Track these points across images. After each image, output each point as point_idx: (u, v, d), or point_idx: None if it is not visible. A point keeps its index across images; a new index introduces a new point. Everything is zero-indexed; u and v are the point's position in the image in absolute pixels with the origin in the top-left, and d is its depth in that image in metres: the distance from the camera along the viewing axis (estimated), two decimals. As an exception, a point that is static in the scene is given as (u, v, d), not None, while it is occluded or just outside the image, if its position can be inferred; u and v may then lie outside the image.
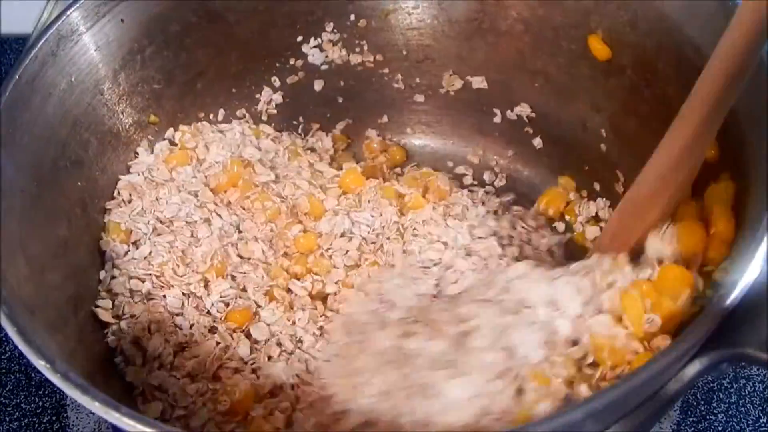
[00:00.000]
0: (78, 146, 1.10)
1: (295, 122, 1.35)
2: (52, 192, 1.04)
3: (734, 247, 0.89)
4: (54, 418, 1.21)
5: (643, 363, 0.75)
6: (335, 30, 1.29)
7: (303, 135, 1.35)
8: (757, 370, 1.20)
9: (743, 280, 0.79)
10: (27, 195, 0.99)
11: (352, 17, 1.28)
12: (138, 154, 1.19)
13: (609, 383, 0.85)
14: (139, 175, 1.17)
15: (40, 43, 1.04)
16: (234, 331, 1.07)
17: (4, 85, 0.99)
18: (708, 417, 1.18)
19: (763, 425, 1.17)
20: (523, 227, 1.24)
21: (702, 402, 1.19)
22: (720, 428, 1.17)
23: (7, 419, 1.21)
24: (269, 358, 1.06)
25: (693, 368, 0.80)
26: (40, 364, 0.80)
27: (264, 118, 1.33)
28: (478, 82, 1.32)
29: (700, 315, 0.79)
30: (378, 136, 1.38)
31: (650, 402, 0.81)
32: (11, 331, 0.82)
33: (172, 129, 1.23)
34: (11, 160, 0.97)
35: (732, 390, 1.20)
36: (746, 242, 0.84)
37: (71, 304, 1.02)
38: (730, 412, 1.18)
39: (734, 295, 0.78)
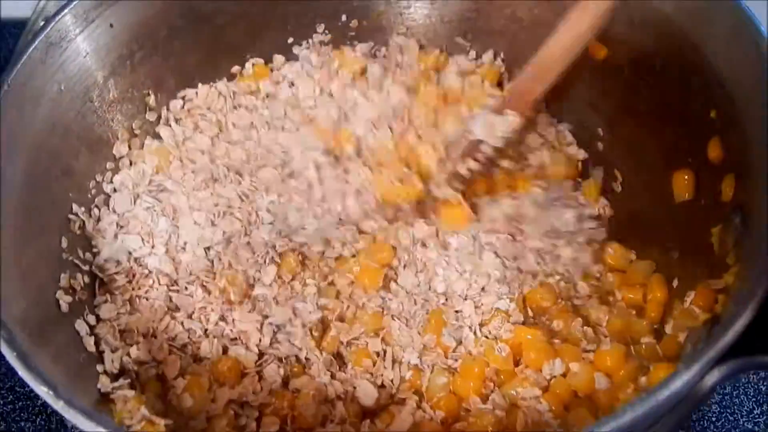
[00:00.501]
0: (69, 155, 1.07)
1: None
2: (45, 203, 1.02)
3: (745, 255, 0.88)
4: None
5: (665, 376, 0.74)
6: (326, 31, 1.27)
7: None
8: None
9: (759, 289, 0.78)
10: (20, 207, 0.96)
11: (344, 18, 1.26)
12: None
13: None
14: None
15: (29, 51, 1.01)
16: None
17: (-6, 94, 0.96)
18: (702, 408, 1.17)
19: (757, 416, 1.16)
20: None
21: (696, 393, 1.18)
22: (714, 419, 1.16)
23: (1, 402, 1.19)
24: None
25: (711, 378, 0.79)
26: (42, 391, 0.78)
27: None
28: (473, 82, 1.30)
29: (718, 326, 0.79)
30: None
31: (670, 415, 0.81)
32: (10, 356, 0.80)
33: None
34: (3, 171, 0.94)
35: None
36: (759, 250, 0.83)
37: (63, 315, 1.00)
38: (724, 403, 1.17)
39: (750, 305, 0.78)
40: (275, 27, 1.24)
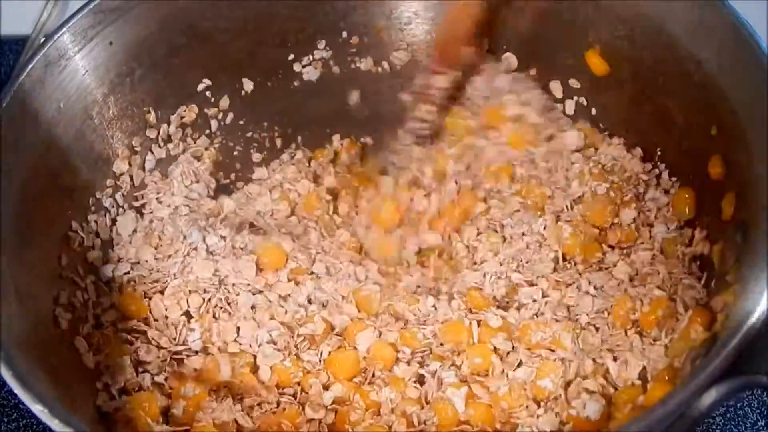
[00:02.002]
0: (68, 173, 1.07)
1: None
2: (43, 222, 1.02)
3: (745, 273, 0.88)
4: (52, 419, 1.18)
5: (663, 395, 0.73)
6: (327, 47, 1.27)
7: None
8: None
9: (758, 308, 0.78)
10: (17, 227, 0.96)
11: (344, 34, 1.26)
12: None
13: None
14: None
15: (28, 69, 1.01)
16: None
17: (-7, 114, 0.96)
18: (706, 420, 1.16)
19: (761, 429, 1.16)
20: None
21: (700, 404, 1.17)
22: (718, 431, 1.16)
23: (6, 420, 1.18)
24: None
25: (709, 397, 0.78)
26: (37, 409, 0.78)
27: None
28: (474, 98, 1.30)
29: (716, 344, 0.78)
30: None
31: (666, 434, 0.80)
32: (7, 376, 0.80)
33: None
34: (1, 192, 0.94)
35: (730, 393, 1.18)
36: (758, 268, 0.83)
37: (62, 333, 1.00)
38: (728, 415, 1.17)
39: (749, 323, 0.77)
40: (275, 44, 1.24)
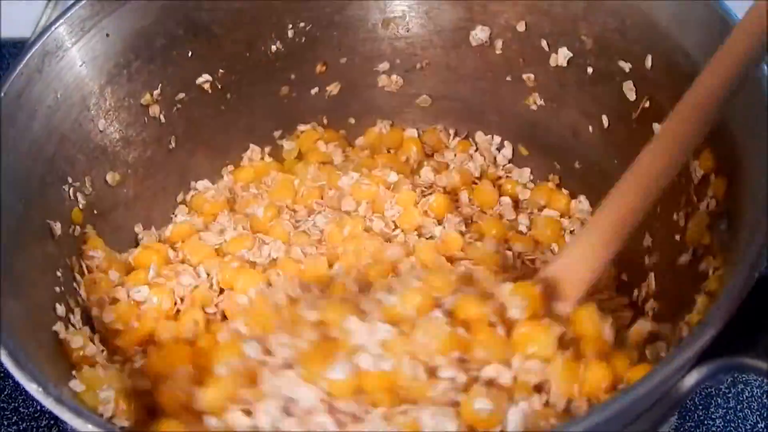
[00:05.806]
0: (65, 163, 1.09)
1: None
2: (39, 210, 1.04)
3: (730, 256, 0.89)
4: (52, 422, 1.19)
5: (641, 375, 0.74)
6: (323, 41, 1.28)
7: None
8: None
9: (740, 289, 0.79)
10: (14, 214, 0.98)
11: (340, 28, 1.27)
12: None
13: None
14: None
15: (25, 59, 1.02)
16: None
17: (-11, 103, 0.98)
18: (706, 422, 1.17)
19: (761, 430, 1.16)
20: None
21: (700, 407, 1.18)
22: (718, 433, 1.17)
23: (5, 423, 1.19)
24: None
25: (691, 379, 0.79)
26: (32, 388, 0.79)
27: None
28: (468, 90, 1.31)
29: (698, 325, 0.79)
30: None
31: (647, 414, 0.81)
32: (3, 354, 0.81)
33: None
34: (1, 182, 0.96)
35: (730, 395, 1.19)
36: (743, 251, 0.83)
37: (57, 317, 1.01)
38: (728, 417, 1.18)
39: (731, 304, 0.78)
40: (272, 36, 1.25)
